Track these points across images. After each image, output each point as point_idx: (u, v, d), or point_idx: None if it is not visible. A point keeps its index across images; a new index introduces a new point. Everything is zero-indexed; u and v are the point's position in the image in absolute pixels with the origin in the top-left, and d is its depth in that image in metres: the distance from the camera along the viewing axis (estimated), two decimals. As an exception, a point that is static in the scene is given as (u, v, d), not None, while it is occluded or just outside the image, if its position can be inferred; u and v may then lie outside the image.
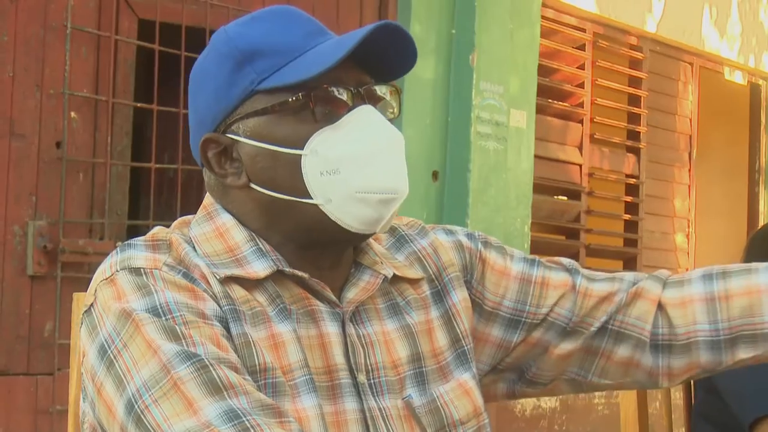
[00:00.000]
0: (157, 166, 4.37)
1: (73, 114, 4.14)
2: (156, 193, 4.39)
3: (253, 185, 1.45)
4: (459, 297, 1.61)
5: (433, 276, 1.61)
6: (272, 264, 1.44)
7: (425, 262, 1.61)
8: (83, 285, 4.11)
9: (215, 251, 1.44)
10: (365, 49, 1.41)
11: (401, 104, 1.53)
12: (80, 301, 1.66)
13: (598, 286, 1.66)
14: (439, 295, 1.60)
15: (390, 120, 1.48)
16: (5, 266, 3.99)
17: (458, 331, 1.58)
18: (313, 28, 1.46)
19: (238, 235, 1.47)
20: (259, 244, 1.46)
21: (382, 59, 1.46)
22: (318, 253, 1.48)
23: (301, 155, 1.41)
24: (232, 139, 1.46)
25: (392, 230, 1.64)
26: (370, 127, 1.42)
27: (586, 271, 1.69)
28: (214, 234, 1.47)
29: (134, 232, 4.33)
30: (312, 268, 1.47)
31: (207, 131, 1.48)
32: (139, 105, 4.37)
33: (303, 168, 1.41)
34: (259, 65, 1.43)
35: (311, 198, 1.42)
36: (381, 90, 1.48)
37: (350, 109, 1.43)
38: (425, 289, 1.59)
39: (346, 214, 1.42)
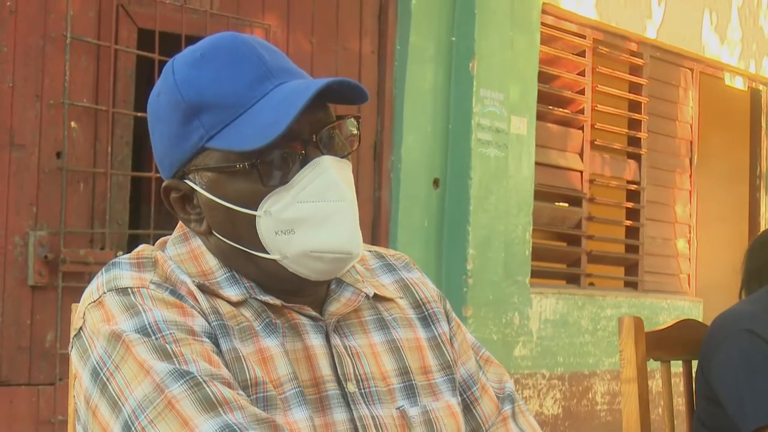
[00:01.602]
0: (158, 175, 4.33)
1: (73, 124, 4.14)
2: (157, 203, 4.39)
3: (214, 233, 1.46)
4: (445, 328, 1.62)
5: (420, 303, 1.62)
6: (245, 291, 1.44)
7: (413, 290, 1.63)
8: (84, 295, 4.11)
9: (189, 274, 1.44)
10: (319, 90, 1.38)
11: (360, 129, 1.50)
12: (80, 312, 1.66)
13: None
14: (426, 320, 1.61)
15: (353, 148, 1.47)
16: (6, 277, 3.99)
17: (448, 358, 1.59)
18: (257, 74, 1.41)
19: (212, 260, 1.47)
20: (233, 270, 1.46)
21: (338, 89, 1.43)
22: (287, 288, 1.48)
23: (254, 215, 1.41)
24: (191, 187, 1.45)
25: (380, 257, 1.66)
26: (322, 188, 1.40)
27: (519, 408, 1.68)
28: (188, 256, 1.48)
29: (135, 241, 4.33)
30: (287, 294, 1.47)
31: (166, 175, 1.48)
32: (139, 114, 4.37)
33: (258, 227, 1.41)
34: (207, 120, 1.40)
35: (268, 253, 1.42)
36: (339, 130, 1.46)
37: (303, 163, 1.41)
38: (409, 313, 1.60)
39: (303, 268, 1.42)
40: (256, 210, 1.41)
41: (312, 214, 1.40)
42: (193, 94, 1.41)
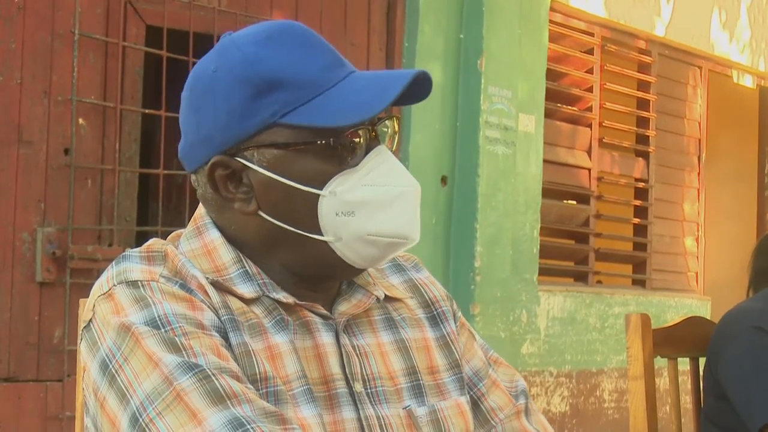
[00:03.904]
0: (166, 172, 4.37)
1: (81, 120, 4.15)
2: (165, 200, 4.40)
3: (261, 213, 1.44)
4: (453, 328, 1.63)
5: (429, 302, 1.63)
6: (258, 289, 1.44)
7: (422, 290, 1.64)
8: (92, 291, 4.12)
9: (202, 269, 1.44)
10: None
11: (399, 133, 1.54)
12: (88, 308, 1.67)
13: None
14: (435, 320, 1.61)
15: (393, 147, 1.49)
16: (14, 273, 4.00)
17: (456, 357, 1.59)
18: (329, 60, 1.44)
19: (225, 255, 1.46)
20: (246, 266, 1.45)
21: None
22: (311, 280, 1.48)
23: (318, 195, 1.41)
24: (243, 164, 1.44)
25: None
26: (389, 173, 1.43)
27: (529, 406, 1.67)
28: (201, 251, 1.47)
29: (143, 238, 4.33)
30: (301, 289, 1.47)
31: (214, 152, 1.44)
32: (147, 111, 4.38)
33: (319, 207, 1.41)
34: (282, 97, 1.40)
35: (322, 235, 1.42)
36: (388, 124, 1.50)
37: (367, 151, 1.43)
38: (418, 313, 1.60)
39: (353, 252, 1.43)
40: (321, 189, 1.41)
41: (376, 197, 1.42)
42: (267, 70, 1.41)
